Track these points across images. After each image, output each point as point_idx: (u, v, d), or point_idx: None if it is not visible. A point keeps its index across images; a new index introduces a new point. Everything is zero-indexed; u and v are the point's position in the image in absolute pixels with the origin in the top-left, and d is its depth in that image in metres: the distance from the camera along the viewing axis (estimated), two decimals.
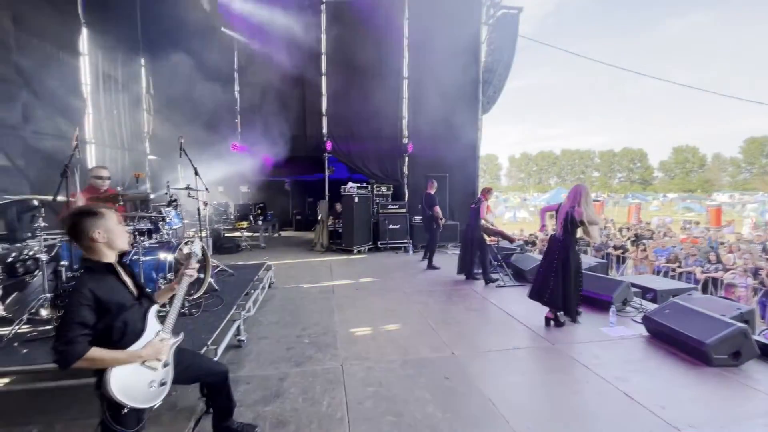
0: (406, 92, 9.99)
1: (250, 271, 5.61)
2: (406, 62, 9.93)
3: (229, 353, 3.70)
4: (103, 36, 7.90)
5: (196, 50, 9.56)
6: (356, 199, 8.80)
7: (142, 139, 9.84)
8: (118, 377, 1.75)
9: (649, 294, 5.53)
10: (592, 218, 4.26)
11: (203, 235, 5.37)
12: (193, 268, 2.20)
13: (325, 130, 9.94)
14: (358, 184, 9.24)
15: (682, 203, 33.18)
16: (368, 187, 9.59)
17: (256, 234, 10.23)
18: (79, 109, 7.24)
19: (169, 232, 4.55)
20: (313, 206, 12.32)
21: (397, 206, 9.47)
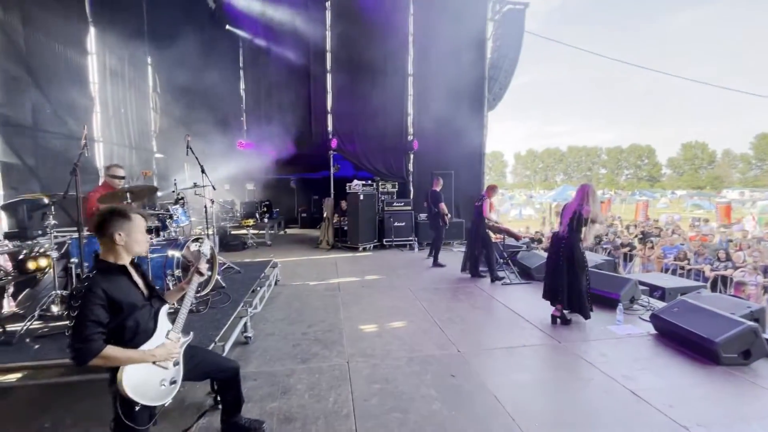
0: (411, 89, 9.97)
1: (257, 268, 5.65)
2: (411, 59, 9.90)
3: (236, 350, 3.73)
4: (111, 35, 7.96)
5: (202, 48, 9.62)
6: (361, 197, 8.80)
7: (149, 138, 9.92)
8: (131, 375, 1.79)
9: (657, 292, 5.49)
10: (598, 217, 4.25)
11: (210, 233, 5.42)
12: (202, 268, 2.23)
13: (330, 128, 9.95)
14: (364, 182, 9.24)
15: (691, 200, 32.78)
16: (373, 185, 9.59)
17: (262, 231, 10.28)
18: (87, 108, 7.31)
19: (177, 230, 4.60)
20: (319, 204, 12.34)
21: (402, 204, 9.46)
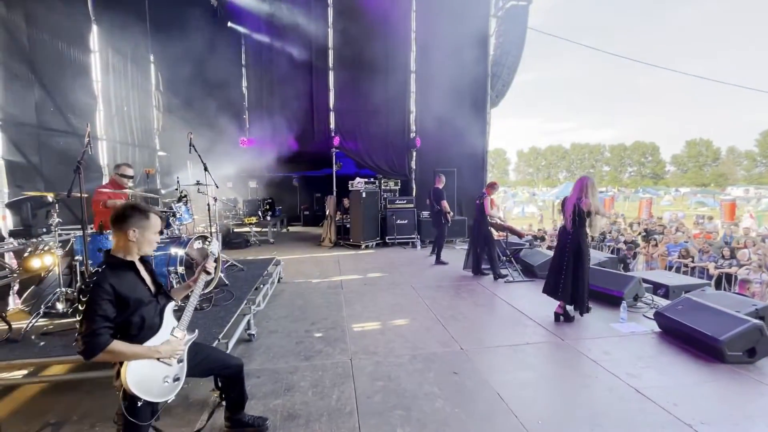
0: (414, 87, 9.93)
1: (260, 266, 5.67)
2: (414, 56, 9.85)
3: (239, 347, 3.74)
4: (113, 33, 7.97)
5: (205, 46, 9.61)
6: (364, 195, 8.80)
7: (152, 135, 9.94)
8: (135, 371, 1.80)
9: (661, 290, 5.46)
10: (599, 209, 4.22)
11: (213, 231, 5.44)
12: (210, 267, 2.24)
13: (332, 125, 9.94)
14: (366, 180, 9.23)
15: (695, 198, 32.56)
16: (376, 183, 9.58)
17: (264, 229, 10.31)
18: (90, 106, 7.34)
19: (180, 228, 4.61)
20: (321, 202, 12.36)
21: (404, 201, 9.45)
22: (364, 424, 2.59)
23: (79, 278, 3.72)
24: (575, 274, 4.27)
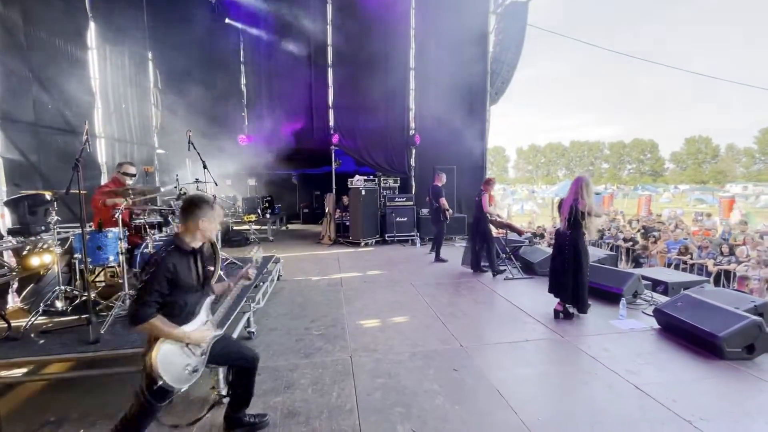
0: (413, 84, 9.90)
1: (259, 263, 5.64)
2: (413, 53, 9.82)
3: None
4: (111, 30, 7.93)
5: (203, 43, 9.58)
6: (363, 192, 8.79)
7: (150, 133, 9.91)
8: (164, 352, 1.95)
9: (660, 287, 5.47)
10: (595, 210, 4.20)
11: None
12: (251, 274, 2.45)
13: (331, 123, 9.91)
14: (365, 177, 9.22)
15: (694, 195, 32.58)
16: (375, 180, 9.58)
17: (264, 227, 10.30)
18: (88, 103, 7.30)
19: (179, 225, 4.60)
20: (320, 199, 12.33)
21: (404, 199, 9.45)
22: (365, 421, 2.60)
23: (78, 276, 3.72)
24: (575, 275, 4.27)
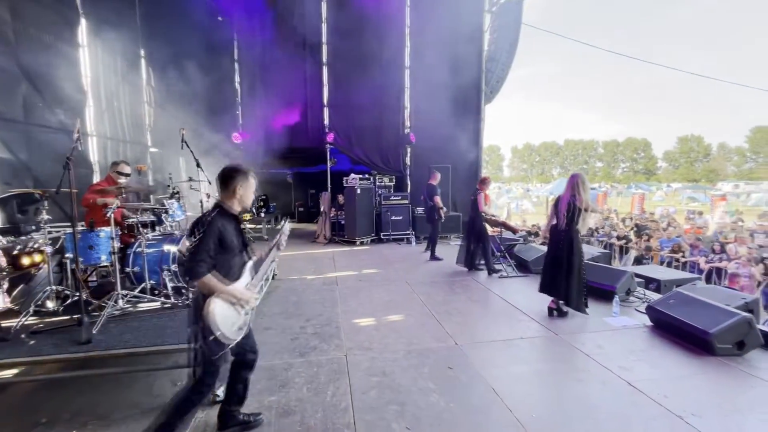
0: (408, 82, 9.89)
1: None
2: (408, 52, 9.81)
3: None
4: (102, 27, 7.82)
5: (196, 40, 9.47)
6: (358, 191, 8.78)
7: (143, 131, 9.81)
8: (219, 306, 2.10)
9: (653, 284, 5.52)
10: (592, 206, 4.26)
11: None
12: (282, 243, 2.68)
13: (326, 121, 9.88)
14: (361, 176, 9.21)
15: (686, 193, 32.91)
16: (370, 179, 9.57)
17: (258, 226, 10.24)
18: (79, 101, 7.21)
19: (173, 224, 4.56)
20: (316, 198, 12.30)
21: (399, 197, 9.45)
22: (359, 420, 2.60)
23: (69, 276, 3.67)
24: (568, 272, 4.30)
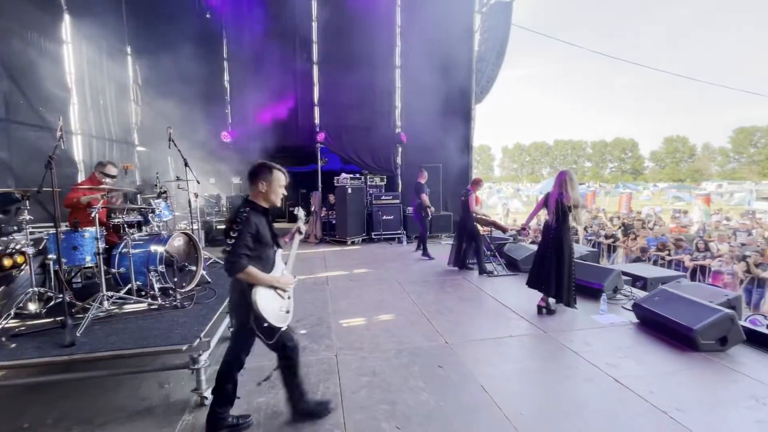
0: (399, 82, 9.90)
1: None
2: (399, 51, 9.82)
3: (223, 345, 3.66)
4: (87, 24, 7.66)
5: (184, 38, 9.33)
6: (349, 190, 8.76)
7: (130, 130, 9.65)
8: (262, 296, 2.25)
9: (640, 282, 5.61)
10: (579, 202, 4.31)
11: (195, 227, 5.32)
12: (302, 228, 2.77)
13: (317, 121, 9.84)
14: (352, 175, 9.19)
15: (672, 193, 33.56)
16: (361, 178, 9.55)
17: None
18: (63, 99, 7.05)
19: (160, 224, 4.49)
20: (306, 197, 12.23)
21: (390, 197, 9.45)
22: (349, 420, 2.59)
23: (53, 277, 3.59)
24: (558, 268, 4.35)
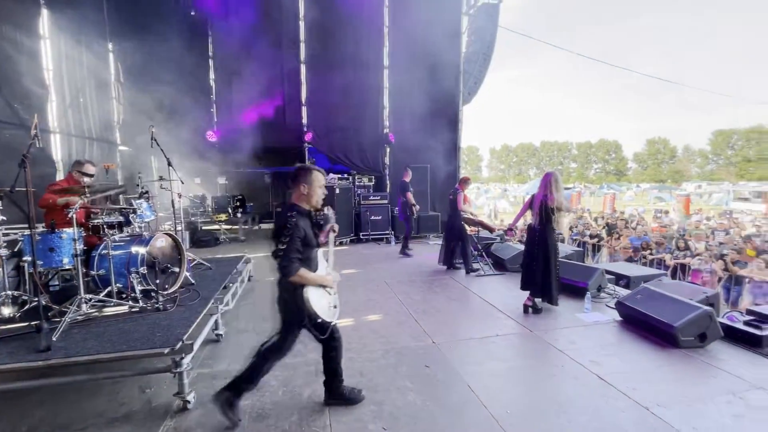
0: (387, 82, 9.89)
1: (228, 264, 5.49)
2: (387, 52, 9.82)
3: (207, 348, 3.62)
4: (66, 18, 7.45)
5: (168, 35, 9.15)
6: (337, 191, 8.72)
7: (112, 129, 9.41)
8: (313, 295, 2.39)
9: (623, 280, 5.72)
10: (564, 205, 4.36)
11: (179, 228, 5.22)
12: (336, 227, 2.85)
13: (305, 120, 9.76)
14: (339, 175, 9.15)
15: (654, 193, 34.39)
16: (349, 178, 9.52)
17: (235, 227, 10.02)
18: (40, 96, 6.83)
19: (142, 225, 4.39)
20: None
21: (378, 197, 9.44)
22: (336, 422, 2.57)
23: (28, 279, 3.47)
24: (544, 268, 4.40)
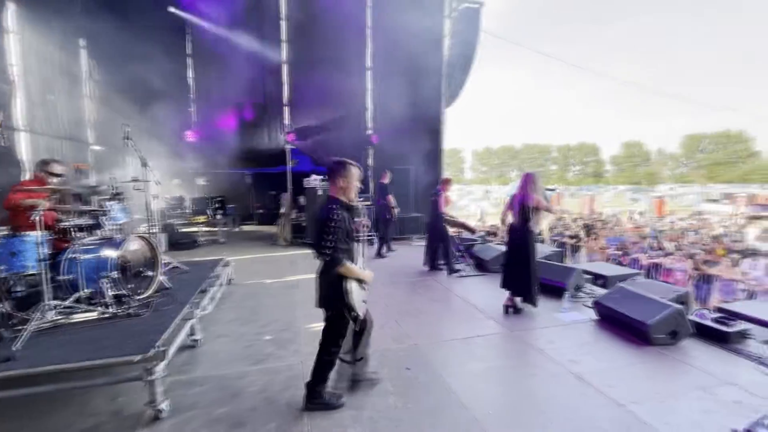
0: (370, 84, 9.88)
1: (206, 267, 5.35)
2: (369, 53, 9.80)
3: (183, 354, 3.51)
4: (35, 12, 7.14)
5: (144, 32, 8.89)
6: (320, 192, 8.62)
7: (83, 128, 9.06)
8: (353, 289, 2.53)
9: (600, 280, 5.85)
10: (544, 204, 4.42)
11: (155, 230, 5.06)
12: (368, 222, 2.95)
13: (286, 121, 9.64)
14: (322, 177, 9.06)
15: (630, 195, 35.55)
16: None
17: (214, 229, 9.80)
18: (5, 93, 6.51)
19: (114, 228, 4.23)
20: (276, 199, 11.96)
21: (362, 199, 9.34)
22: (315, 428, 2.52)
23: None
24: (524, 269, 4.45)
